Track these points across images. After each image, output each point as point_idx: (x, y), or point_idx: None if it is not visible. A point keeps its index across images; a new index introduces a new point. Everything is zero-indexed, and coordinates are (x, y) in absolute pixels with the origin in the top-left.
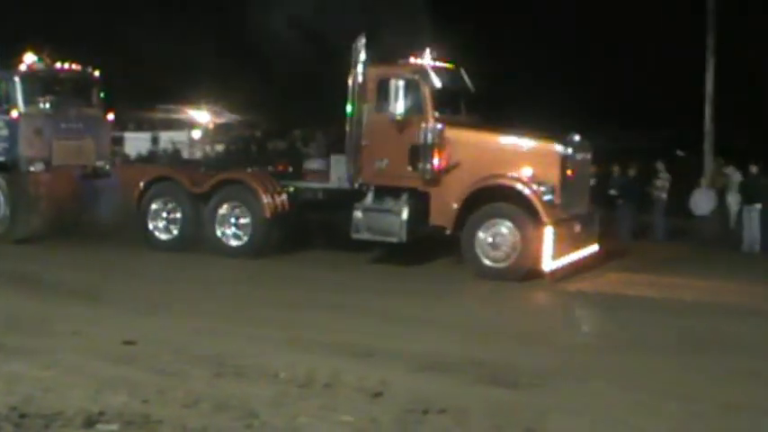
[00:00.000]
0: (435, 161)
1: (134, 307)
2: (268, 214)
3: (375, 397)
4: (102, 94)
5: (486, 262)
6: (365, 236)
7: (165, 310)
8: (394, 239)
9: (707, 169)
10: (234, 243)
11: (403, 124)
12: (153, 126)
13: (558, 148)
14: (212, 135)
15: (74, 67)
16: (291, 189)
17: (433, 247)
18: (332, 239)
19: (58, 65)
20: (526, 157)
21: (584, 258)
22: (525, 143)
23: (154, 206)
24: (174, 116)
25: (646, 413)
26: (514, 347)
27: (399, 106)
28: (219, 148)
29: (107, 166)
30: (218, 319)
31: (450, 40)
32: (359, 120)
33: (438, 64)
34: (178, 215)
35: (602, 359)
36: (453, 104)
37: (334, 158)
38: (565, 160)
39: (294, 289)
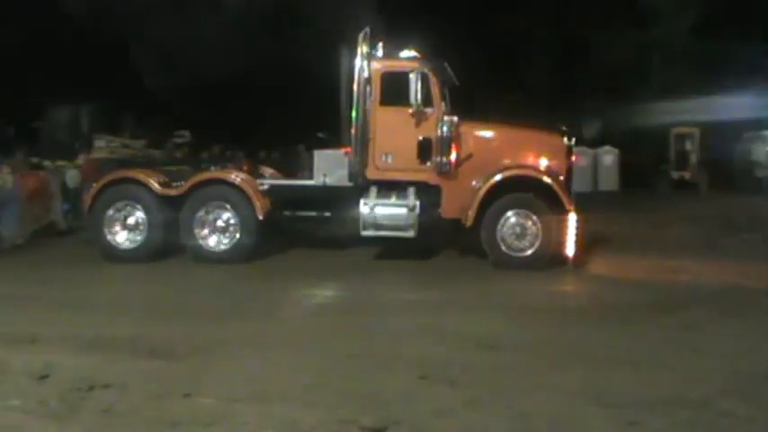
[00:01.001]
0: (453, 154)
1: None
2: (260, 215)
3: (41, 379)
4: None
5: (509, 252)
6: (372, 232)
7: None
8: (409, 234)
9: None
10: (217, 248)
11: (412, 117)
12: None
13: (565, 139)
14: None
15: None
16: (266, 187)
17: None
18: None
19: None
20: (537, 149)
21: None
22: (535, 136)
23: (110, 212)
24: None
25: (290, 371)
26: (175, 322)
27: (410, 99)
28: None
29: None
30: None
31: None
32: (363, 114)
33: (432, 57)
34: (140, 220)
35: (270, 328)
36: (444, 97)
37: (317, 154)
38: (570, 151)
39: None
